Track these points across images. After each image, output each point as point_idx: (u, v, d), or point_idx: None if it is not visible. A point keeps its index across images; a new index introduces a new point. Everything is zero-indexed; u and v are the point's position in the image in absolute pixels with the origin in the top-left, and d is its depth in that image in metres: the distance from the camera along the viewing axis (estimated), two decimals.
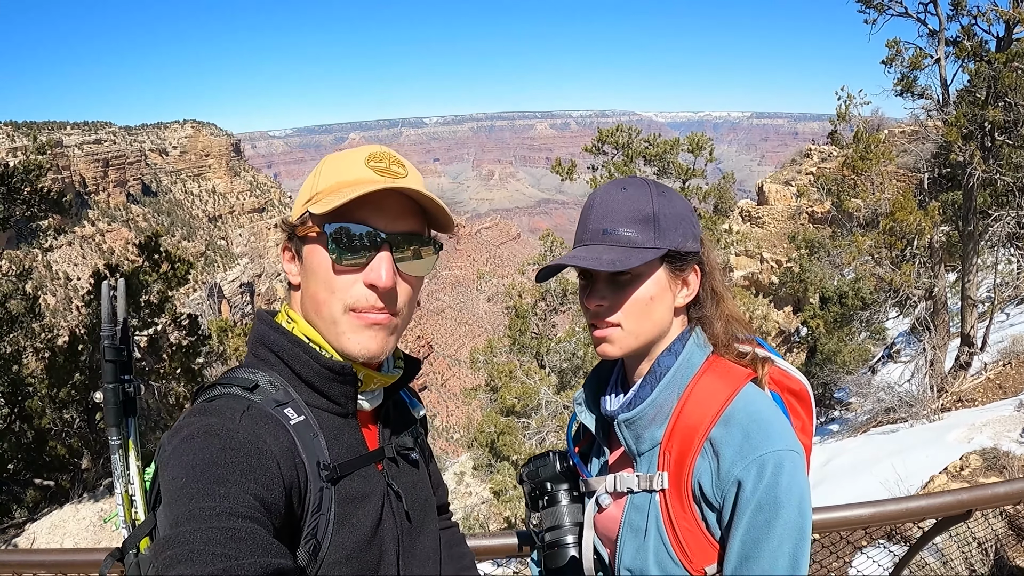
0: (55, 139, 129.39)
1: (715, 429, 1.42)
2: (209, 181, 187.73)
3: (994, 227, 12.67)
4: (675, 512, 1.44)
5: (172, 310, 12.18)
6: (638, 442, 1.54)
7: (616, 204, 1.50)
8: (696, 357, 1.54)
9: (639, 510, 1.51)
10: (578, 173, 16.03)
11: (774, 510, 1.31)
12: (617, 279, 1.50)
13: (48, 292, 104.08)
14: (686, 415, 1.47)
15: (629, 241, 1.47)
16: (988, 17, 12.09)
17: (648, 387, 1.53)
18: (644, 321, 1.50)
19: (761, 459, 1.34)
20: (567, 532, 1.69)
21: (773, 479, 1.32)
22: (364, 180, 1.34)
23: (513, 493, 12.98)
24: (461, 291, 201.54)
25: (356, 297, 1.33)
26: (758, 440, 1.36)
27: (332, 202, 1.28)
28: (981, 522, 4.45)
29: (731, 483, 1.36)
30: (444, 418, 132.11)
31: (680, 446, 1.46)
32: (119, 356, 1.37)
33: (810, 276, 19.47)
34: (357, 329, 1.35)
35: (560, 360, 15.50)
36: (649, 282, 1.49)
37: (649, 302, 1.50)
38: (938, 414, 11.42)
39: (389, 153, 1.40)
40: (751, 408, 1.43)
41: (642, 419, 1.52)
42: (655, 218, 1.48)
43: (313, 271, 1.35)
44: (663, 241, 1.48)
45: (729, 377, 1.49)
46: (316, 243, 1.35)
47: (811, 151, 42.34)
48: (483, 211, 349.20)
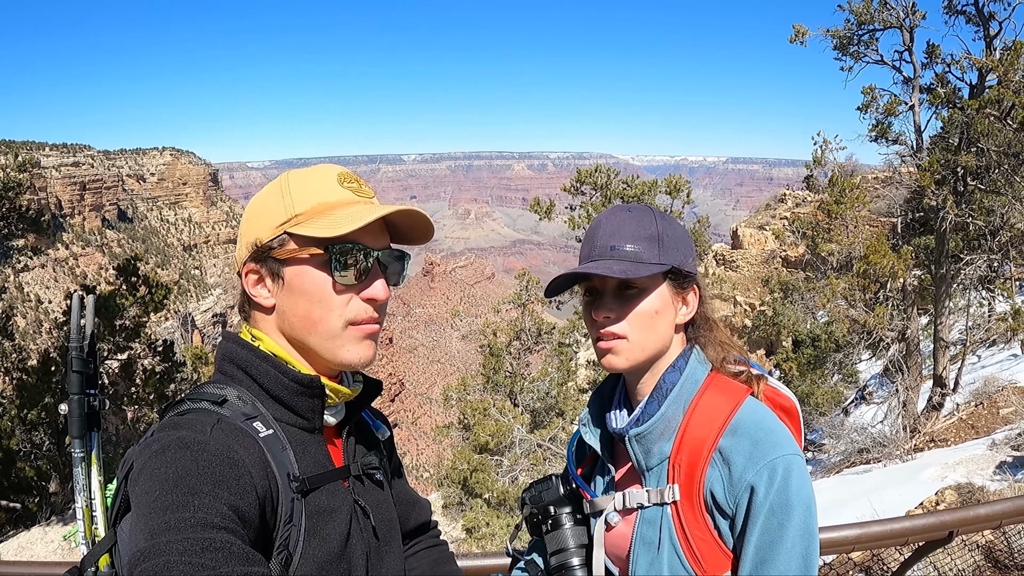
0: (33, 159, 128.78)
1: (723, 439, 1.47)
2: (186, 210, 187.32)
3: (966, 271, 12.87)
4: (688, 523, 1.48)
5: (147, 335, 12.09)
6: (647, 457, 1.57)
7: (622, 224, 1.58)
8: (699, 373, 1.59)
9: (651, 524, 1.54)
10: (556, 213, 16.19)
11: (787, 513, 1.36)
12: (624, 292, 1.56)
13: (19, 314, 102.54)
14: (693, 428, 1.52)
15: (636, 256, 1.54)
16: (961, 65, 12.39)
17: (655, 402, 1.58)
18: (649, 334, 1.56)
19: (772, 463, 1.39)
20: (572, 554, 1.71)
21: (784, 482, 1.37)
22: (347, 201, 1.39)
23: (486, 531, 12.86)
24: (434, 329, 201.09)
25: (356, 312, 1.38)
26: (767, 446, 1.42)
27: (337, 227, 1.32)
28: (961, 554, 4.45)
29: (744, 488, 1.40)
30: (414, 456, 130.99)
31: (689, 458, 1.50)
32: (86, 368, 1.38)
33: (783, 320, 19.67)
34: (357, 340, 1.39)
35: (534, 399, 15.54)
36: (654, 296, 1.56)
37: (654, 315, 1.56)
38: (911, 454, 11.50)
39: (351, 173, 1.46)
40: (756, 417, 1.49)
41: (652, 433, 1.56)
42: (659, 237, 1.56)
43: (304, 292, 1.36)
44: (667, 258, 1.55)
45: (730, 392, 1.55)
46: (306, 264, 1.36)
47: (786, 196, 42.98)
48: (458, 250, 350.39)
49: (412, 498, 1.83)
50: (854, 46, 13.73)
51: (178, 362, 12.34)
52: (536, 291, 16.45)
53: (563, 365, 16.01)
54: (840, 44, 13.87)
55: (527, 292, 16.44)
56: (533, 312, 16.72)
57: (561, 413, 15.41)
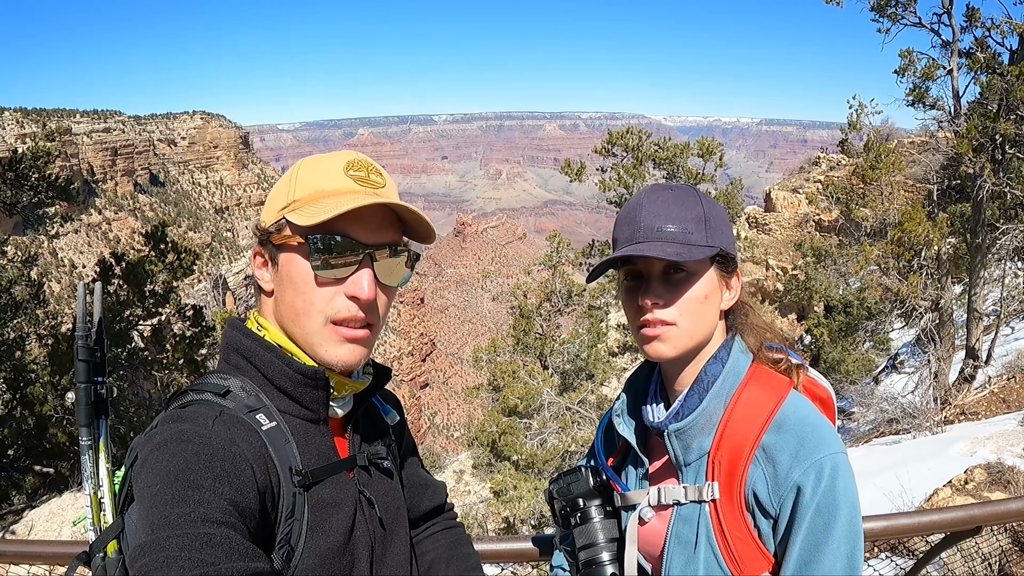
0: (64, 127, 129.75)
1: (767, 436, 1.43)
2: (217, 173, 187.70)
3: (1002, 240, 12.63)
4: (727, 522, 1.44)
5: (176, 300, 12.17)
6: (686, 452, 1.53)
7: (667, 204, 1.50)
8: (741, 364, 1.54)
9: (687, 522, 1.50)
10: (587, 175, 16.01)
11: (833, 513, 1.33)
12: (672, 277, 1.49)
13: (53, 279, 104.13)
14: (734, 424, 1.47)
15: (686, 238, 1.47)
16: (1002, 29, 12.04)
17: (696, 396, 1.52)
18: (698, 321, 1.50)
19: (819, 463, 1.36)
20: (602, 549, 1.66)
21: (831, 482, 1.35)
22: (344, 190, 1.35)
23: (512, 493, 12.97)
24: (466, 289, 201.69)
25: (337, 308, 1.34)
26: (813, 444, 1.38)
27: (316, 215, 1.28)
28: (987, 537, 4.42)
29: (790, 488, 1.37)
30: (445, 415, 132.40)
31: (730, 455, 1.46)
32: (92, 357, 1.38)
33: (815, 284, 19.42)
34: (336, 343, 1.36)
35: (563, 361, 15.50)
36: (703, 280, 1.50)
37: (703, 301, 1.50)
38: (941, 426, 11.36)
39: (367, 161, 1.40)
40: (801, 413, 1.45)
41: (692, 428, 1.51)
42: (706, 218, 1.50)
43: (291, 281, 1.35)
44: (715, 240, 1.49)
45: (773, 385, 1.50)
46: (295, 252, 1.34)
47: (820, 159, 42.17)
48: (490, 210, 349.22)
49: (425, 481, 1.82)
50: (891, 7, 13.38)
51: (208, 326, 12.41)
52: (567, 252, 16.35)
53: (593, 327, 15.91)
54: (877, 5, 13.51)
55: (558, 253, 16.33)
56: (564, 274, 16.60)
57: (591, 376, 15.36)
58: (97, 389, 1.38)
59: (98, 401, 1.38)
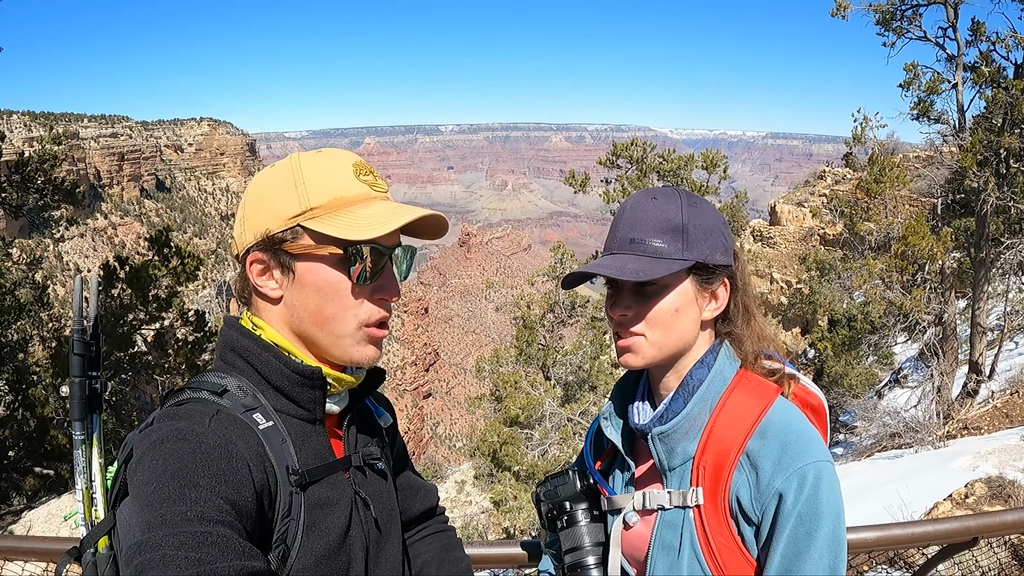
0: (71, 131, 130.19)
1: (751, 442, 1.41)
2: (223, 179, 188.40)
3: (1006, 255, 12.58)
4: (711, 528, 1.43)
5: (180, 305, 12.20)
6: (670, 456, 1.51)
7: (645, 213, 1.49)
8: (728, 371, 1.52)
9: (671, 527, 1.49)
10: (592, 186, 16.05)
11: (815, 522, 1.31)
12: (643, 289, 1.48)
13: (57, 282, 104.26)
14: (719, 429, 1.46)
15: (656, 251, 1.46)
16: (1007, 44, 12.04)
17: (681, 400, 1.51)
18: (668, 333, 1.49)
19: (802, 470, 1.34)
20: (588, 553, 1.65)
21: (814, 491, 1.32)
22: (364, 196, 1.36)
23: (513, 504, 12.95)
24: (470, 299, 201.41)
25: (370, 312, 1.37)
26: (797, 451, 1.36)
27: (361, 228, 1.31)
28: (986, 551, 4.39)
29: (772, 495, 1.35)
30: (448, 426, 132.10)
31: (715, 461, 1.44)
32: (87, 351, 1.36)
33: (819, 298, 19.38)
34: (367, 343, 1.39)
35: (566, 372, 15.51)
36: (674, 293, 1.48)
37: (674, 314, 1.48)
38: (943, 441, 11.32)
39: (367, 164, 1.41)
40: (786, 420, 1.43)
41: (676, 433, 1.50)
42: (684, 229, 1.46)
43: (317, 288, 1.34)
44: (691, 252, 1.46)
45: (760, 392, 1.49)
46: (321, 262, 1.34)
47: (825, 173, 42.13)
48: (495, 221, 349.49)
49: (416, 484, 1.82)
50: (897, 21, 13.38)
51: (210, 331, 12.42)
52: (571, 264, 16.35)
53: (596, 339, 15.91)
54: (883, 19, 13.50)
55: (562, 264, 16.37)
56: None
57: (593, 387, 15.34)
58: (91, 384, 1.36)
59: (92, 396, 1.36)
